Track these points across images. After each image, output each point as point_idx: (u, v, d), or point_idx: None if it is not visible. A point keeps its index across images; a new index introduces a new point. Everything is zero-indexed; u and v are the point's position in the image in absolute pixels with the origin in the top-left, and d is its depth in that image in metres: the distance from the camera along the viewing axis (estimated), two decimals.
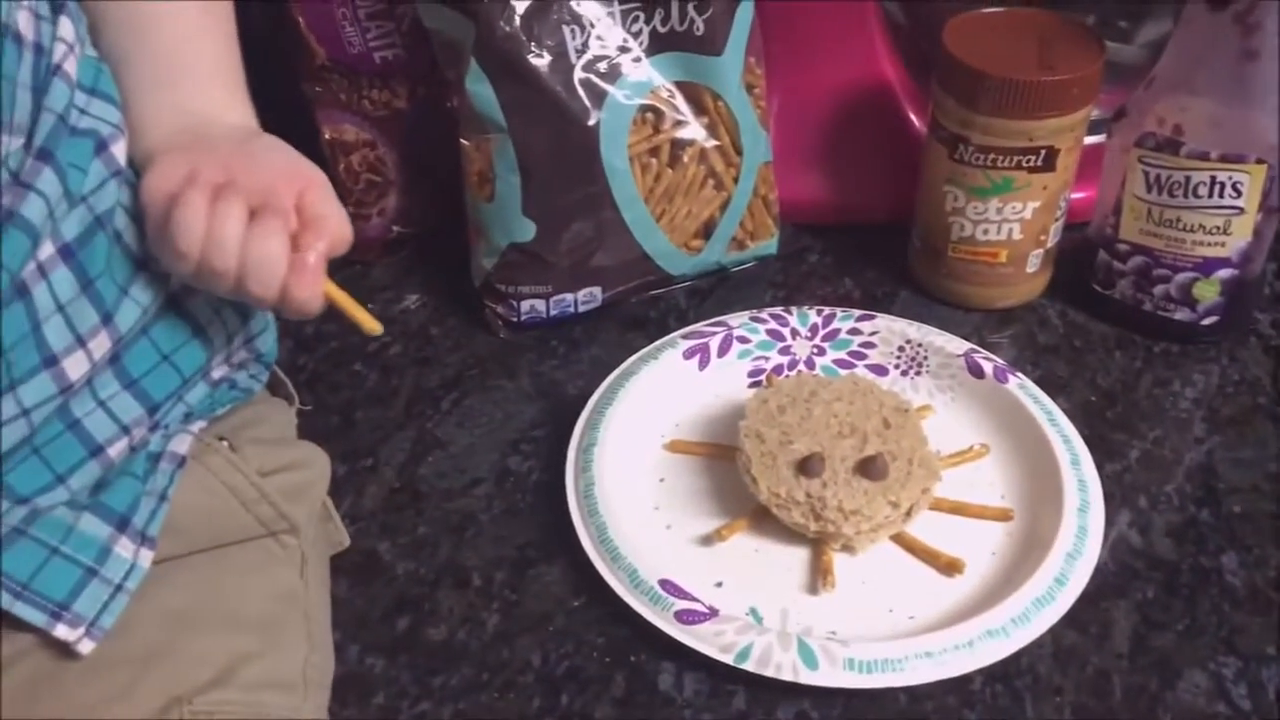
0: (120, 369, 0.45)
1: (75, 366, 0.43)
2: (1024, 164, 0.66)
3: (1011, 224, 0.68)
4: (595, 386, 0.64)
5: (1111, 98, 0.69)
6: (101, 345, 0.43)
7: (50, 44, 0.41)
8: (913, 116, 0.75)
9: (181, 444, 0.46)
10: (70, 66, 0.42)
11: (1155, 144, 0.64)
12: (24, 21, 0.40)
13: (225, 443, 0.48)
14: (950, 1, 0.75)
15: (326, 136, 0.71)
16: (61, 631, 0.41)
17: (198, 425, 0.47)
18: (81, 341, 0.43)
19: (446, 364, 0.69)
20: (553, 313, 0.69)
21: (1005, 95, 0.64)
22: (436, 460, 0.63)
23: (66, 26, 0.42)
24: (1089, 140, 0.69)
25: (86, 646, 0.42)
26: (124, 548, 0.43)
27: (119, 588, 0.43)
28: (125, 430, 0.45)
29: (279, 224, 0.43)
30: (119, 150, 0.44)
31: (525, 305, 0.69)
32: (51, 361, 0.42)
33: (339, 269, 0.46)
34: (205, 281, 0.44)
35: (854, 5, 0.73)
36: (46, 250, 0.42)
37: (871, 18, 0.74)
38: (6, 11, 0.38)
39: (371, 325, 0.47)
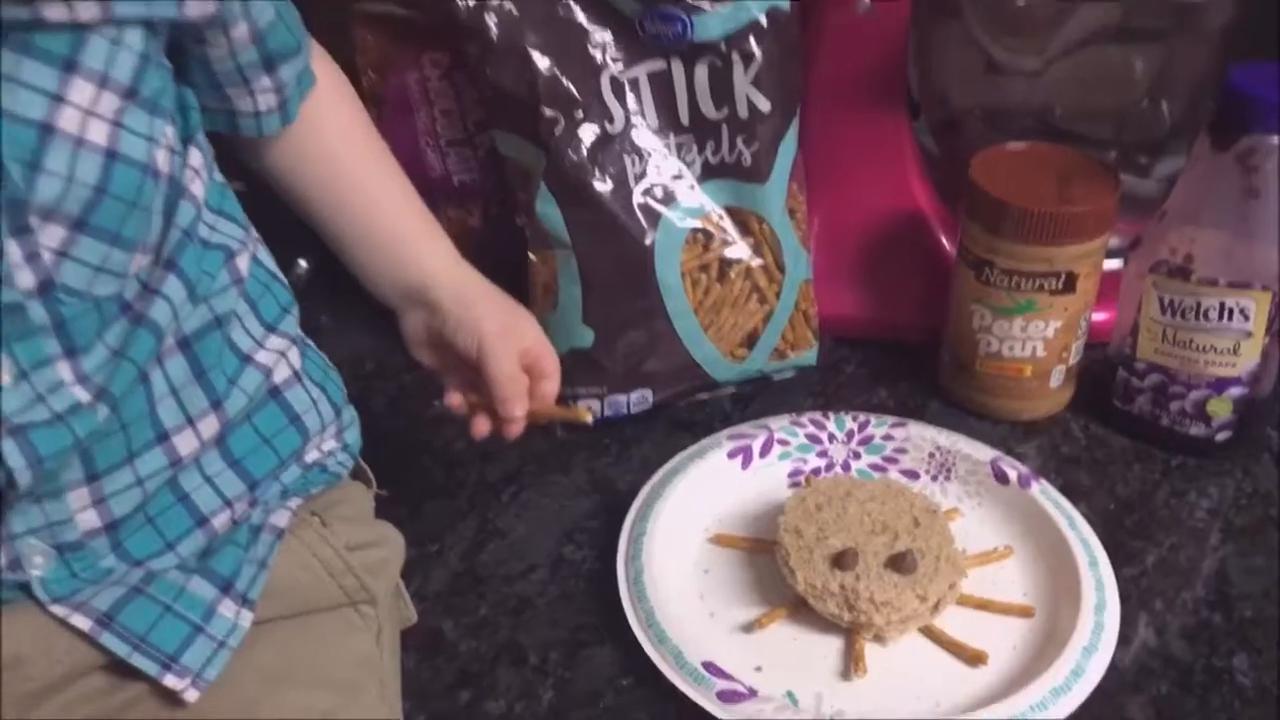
0: (225, 449, 0.51)
1: (185, 444, 0.48)
2: (1046, 287, 0.71)
3: (1035, 342, 0.73)
4: (645, 482, 0.69)
5: (1130, 227, 0.74)
6: (210, 427, 0.49)
7: (180, 173, 0.48)
8: (943, 239, 0.81)
9: (280, 518, 0.51)
10: (197, 190, 0.49)
11: (1168, 271, 0.69)
12: (161, 159, 0.46)
13: (317, 518, 0.53)
14: (977, 134, 0.82)
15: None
16: (170, 681, 0.47)
17: (294, 502, 0.53)
18: (192, 422, 0.49)
19: (507, 460, 0.74)
20: (607, 413, 0.75)
21: (1027, 224, 0.70)
22: (497, 548, 0.68)
23: (195, 156, 0.49)
24: (1108, 266, 0.74)
25: (192, 695, 0.47)
26: (227, 609, 0.48)
27: (222, 644, 0.48)
28: (228, 504, 0.50)
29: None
30: (243, 263, 0.51)
31: (582, 406, 0.74)
32: (164, 438, 0.48)
33: (411, 369, 0.52)
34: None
35: (889, 137, 0.80)
36: (167, 342, 0.48)
37: (906, 148, 0.81)
38: (148, 152, 0.45)
39: (583, 417, 0.61)
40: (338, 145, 0.59)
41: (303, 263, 0.84)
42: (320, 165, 0.58)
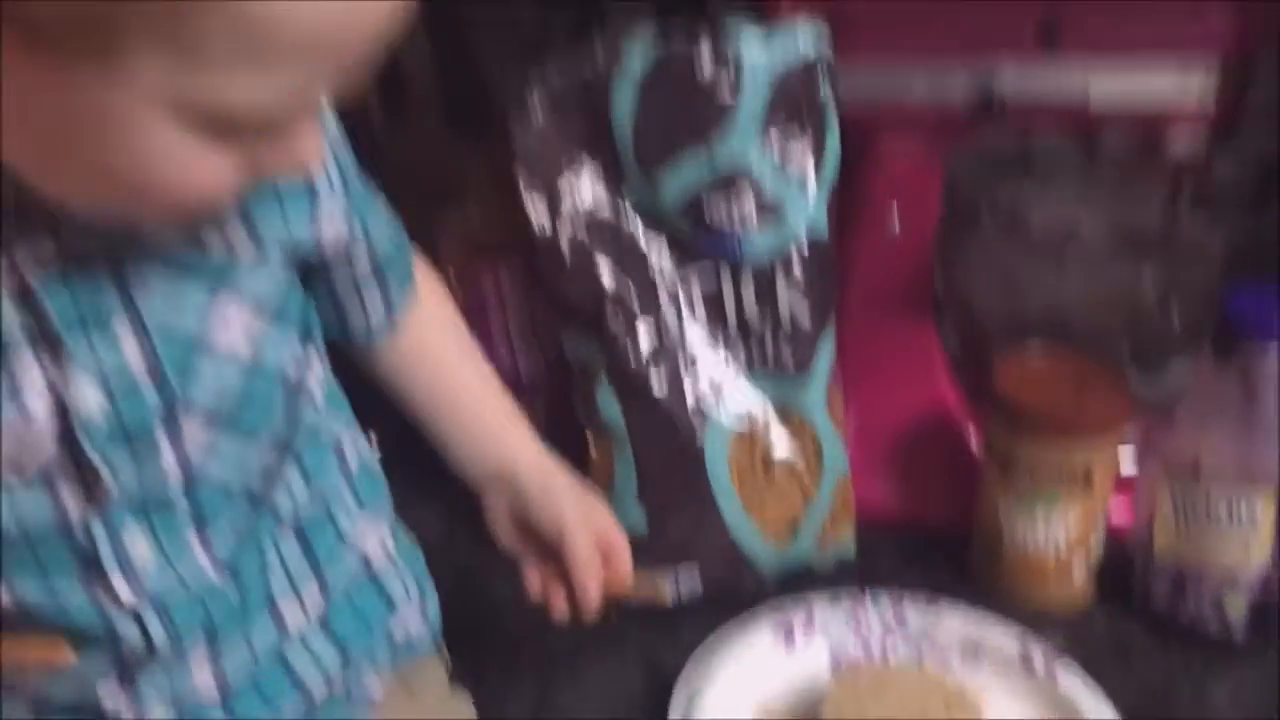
0: (325, 623, 0.56)
1: (292, 617, 0.54)
2: (1065, 483, 0.77)
3: (1057, 535, 0.79)
4: (691, 659, 0.74)
5: (1144, 429, 0.80)
6: (314, 602, 0.55)
7: (304, 376, 0.54)
8: (970, 436, 0.87)
9: (373, 688, 0.57)
10: (316, 391, 0.55)
11: (1179, 471, 0.75)
12: (290, 365, 0.53)
13: (404, 688, 0.58)
14: (999, 339, 0.89)
15: None
16: None
17: (384, 673, 0.58)
18: (299, 597, 0.55)
19: (563, 636, 0.79)
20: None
21: (1046, 425, 0.76)
22: None
23: (315, 361, 0.56)
24: (1124, 466, 0.80)
25: None
26: None
27: None
28: (326, 675, 0.56)
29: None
30: (349, 453, 0.58)
31: (660, 582, 0.80)
32: (275, 611, 0.54)
33: (478, 543, 0.59)
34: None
35: (918, 342, 0.87)
36: (258, 553, 0.53)
37: (933, 352, 0.88)
38: (280, 360, 0.52)
39: (661, 592, 0.63)
40: (435, 347, 0.65)
41: (372, 435, 0.90)
42: (419, 364, 0.65)
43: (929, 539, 0.87)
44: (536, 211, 0.78)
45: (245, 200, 0.47)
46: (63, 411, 0.46)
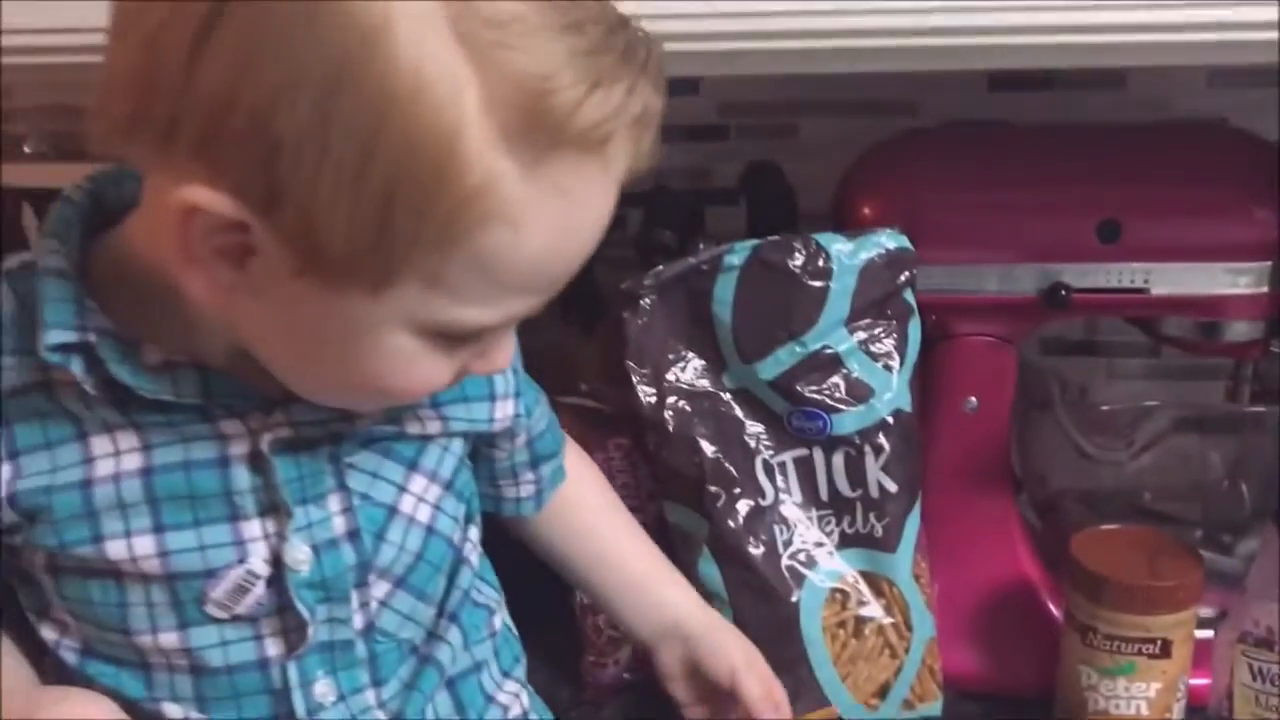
0: None
1: None
2: (1144, 651, 0.81)
3: (1138, 701, 0.82)
4: None
5: (1218, 598, 0.84)
6: None
7: (463, 545, 0.63)
8: (1050, 604, 0.92)
9: None
10: (474, 559, 0.63)
11: (1254, 641, 0.79)
12: (457, 534, 0.61)
13: None
14: (1076, 512, 0.94)
15: (580, 600, 0.92)
16: None
17: None
18: None
19: None
20: None
21: (1124, 596, 0.80)
22: None
23: (474, 532, 0.64)
24: (1201, 634, 0.84)
25: None
26: None
27: None
28: None
29: None
30: (497, 620, 0.65)
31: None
32: None
33: (576, 706, 0.65)
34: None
35: (998, 514, 0.93)
36: (420, 699, 0.60)
37: (1013, 524, 0.93)
38: (452, 529, 0.60)
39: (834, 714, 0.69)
40: (590, 516, 0.73)
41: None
42: (574, 530, 0.72)
43: (1014, 705, 0.90)
44: (644, 393, 0.86)
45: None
46: (277, 564, 0.53)
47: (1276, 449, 0.95)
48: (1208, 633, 0.84)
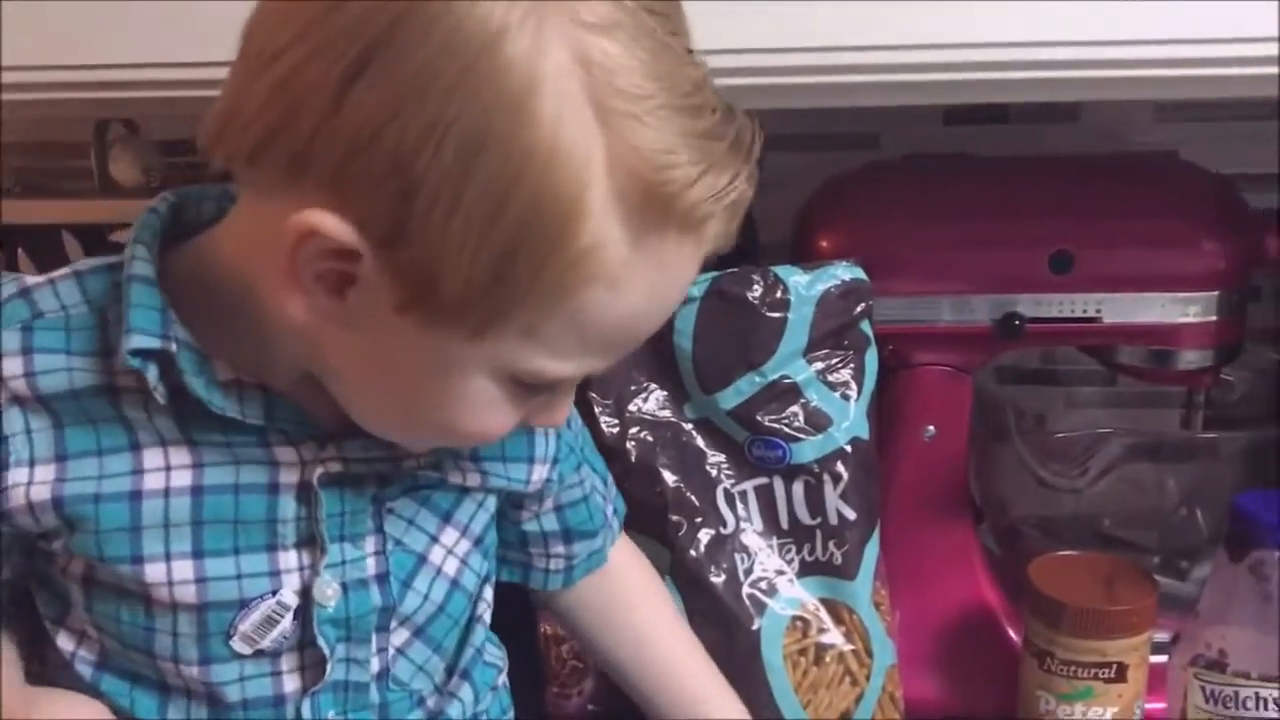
0: None
1: None
2: (1100, 675, 0.82)
3: None
4: None
5: (1174, 624, 0.85)
6: None
7: (478, 603, 0.63)
8: (1010, 631, 0.93)
9: None
10: (486, 618, 0.64)
11: (1206, 663, 0.80)
12: (475, 591, 0.61)
13: None
14: (1035, 539, 0.95)
15: (545, 630, 0.92)
16: None
17: None
18: None
19: None
20: None
21: (1080, 621, 0.81)
22: None
23: (488, 592, 0.64)
24: (1156, 659, 0.85)
25: None
26: None
27: None
28: None
29: None
30: (501, 679, 0.66)
31: None
32: None
33: None
34: None
35: (957, 542, 0.94)
36: None
37: (973, 551, 0.95)
38: (475, 584, 0.60)
39: None
40: (630, 600, 0.72)
41: None
42: (609, 614, 0.71)
43: None
44: (607, 424, 0.87)
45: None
46: (305, 597, 0.54)
47: (1231, 475, 0.97)
48: (1163, 657, 0.85)
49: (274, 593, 0.53)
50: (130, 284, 0.50)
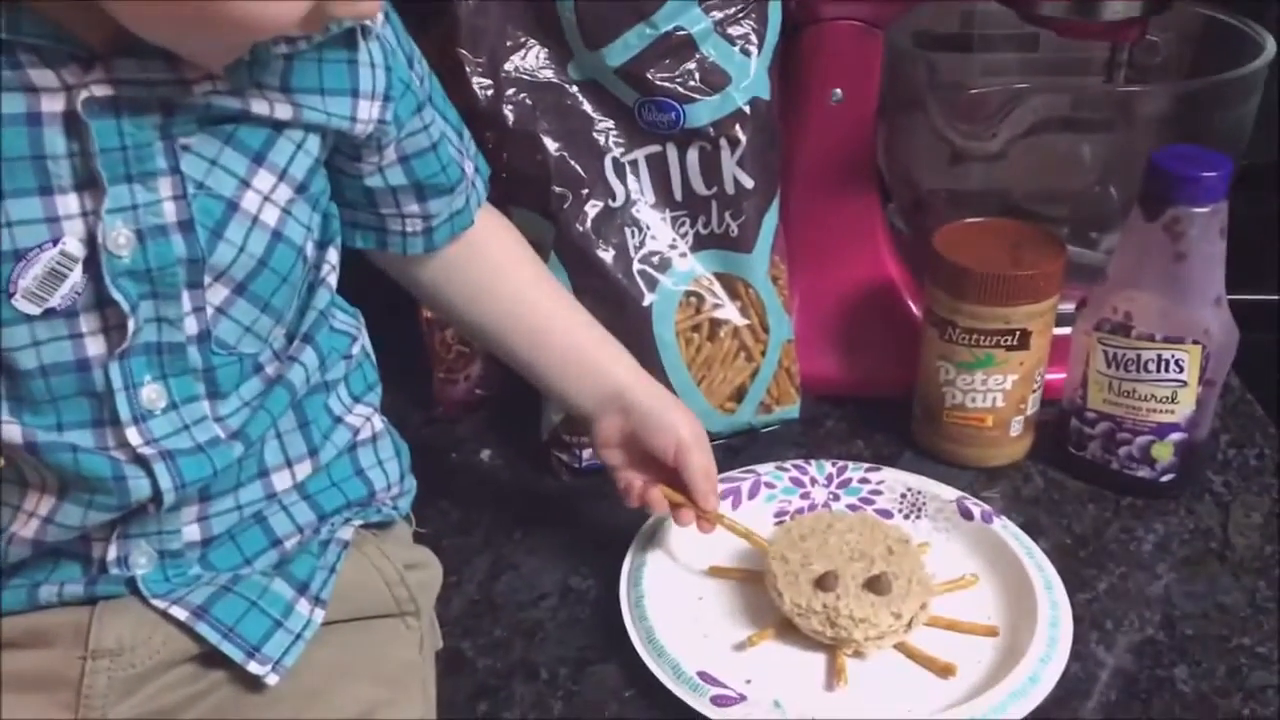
0: (304, 489, 0.58)
1: (281, 481, 0.56)
2: (1003, 343, 0.79)
3: (995, 394, 0.81)
4: (642, 522, 0.76)
5: (1080, 292, 0.83)
6: (303, 470, 0.57)
7: (321, 265, 0.57)
8: (911, 305, 0.89)
9: (346, 533, 0.59)
10: (331, 282, 0.58)
11: (1111, 328, 0.78)
12: (310, 248, 0.55)
13: (375, 538, 0.60)
14: (942, 215, 0.90)
15: (426, 315, 0.86)
16: (254, 667, 0.53)
17: (358, 523, 0.60)
18: (290, 464, 0.57)
19: (518, 503, 0.81)
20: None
21: (985, 287, 0.78)
22: (510, 579, 0.75)
23: (333, 255, 0.58)
24: (1059, 331, 0.82)
25: (272, 680, 0.53)
26: (303, 607, 0.55)
27: (298, 636, 0.54)
28: (299, 530, 0.58)
29: None
30: (355, 347, 0.60)
31: (586, 454, 0.82)
32: (265, 475, 0.56)
33: (429, 424, 0.62)
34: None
35: (861, 214, 0.89)
36: (266, 418, 0.55)
37: (877, 223, 0.90)
38: (304, 238, 0.54)
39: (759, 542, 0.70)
40: (501, 266, 0.67)
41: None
42: (481, 284, 0.66)
43: (872, 406, 0.89)
44: (479, 85, 0.78)
45: (288, 70, 0.50)
46: (92, 246, 0.47)
47: (1148, 142, 0.92)
48: (1066, 330, 0.83)
49: (54, 241, 0.46)
50: None
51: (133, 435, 0.50)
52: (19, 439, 0.49)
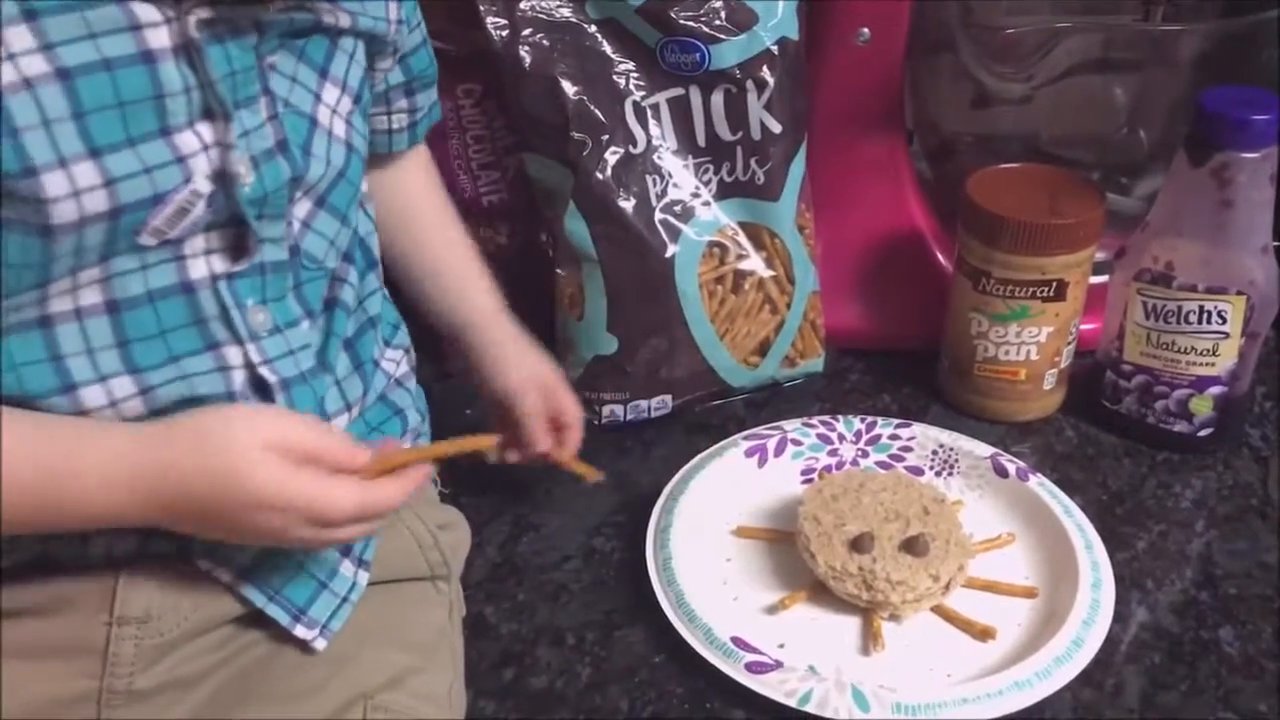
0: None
1: (340, 424, 0.54)
2: (1038, 294, 0.77)
3: (1029, 346, 0.78)
4: (665, 481, 0.74)
5: (1113, 241, 0.80)
6: (358, 408, 0.55)
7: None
8: (939, 255, 0.86)
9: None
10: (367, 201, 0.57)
11: (1151, 278, 0.75)
12: (362, 146, 0.54)
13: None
14: (969, 160, 0.87)
15: None
16: (300, 631, 0.51)
17: None
18: (349, 408, 0.55)
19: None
20: (629, 417, 0.80)
21: (1021, 236, 0.75)
22: (531, 540, 0.73)
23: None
24: (1095, 280, 0.80)
25: (320, 644, 0.52)
26: (346, 569, 0.53)
27: (344, 599, 0.53)
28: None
29: None
30: (378, 274, 0.59)
31: (606, 410, 0.79)
32: (326, 419, 0.53)
33: (441, 380, 0.65)
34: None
35: (888, 160, 0.85)
36: (336, 345, 0.54)
37: (903, 171, 0.86)
38: (365, 148, 0.54)
39: (593, 476, 0.67)
40: (423, 193, 0.67)
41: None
42: (403, 205, 0.65)
43: (898, 359, 0.87)
44: (494, 25, 0.74)
45: None
46: (219, 180, 0.46)
47: (1183, 84, 0.89)
48: (1102, 278, 0.80)
49: (186, 181, 0.45)
50: None
51: (253, 352, 0.49)
52: (132, 388, 0.47)
